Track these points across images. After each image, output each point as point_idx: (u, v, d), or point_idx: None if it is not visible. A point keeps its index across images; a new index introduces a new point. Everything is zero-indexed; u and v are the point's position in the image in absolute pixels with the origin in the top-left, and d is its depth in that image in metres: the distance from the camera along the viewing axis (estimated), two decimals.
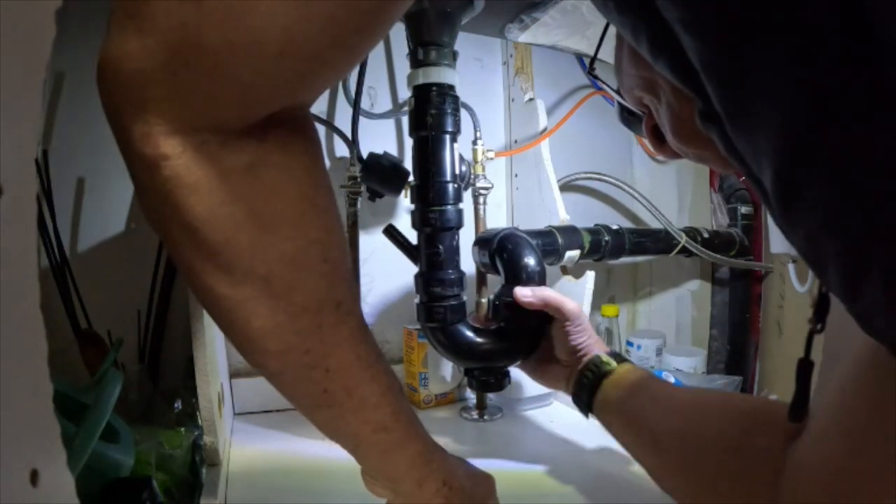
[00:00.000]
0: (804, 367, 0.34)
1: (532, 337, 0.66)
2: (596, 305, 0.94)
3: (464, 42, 0.75)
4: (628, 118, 0.44)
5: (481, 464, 0.48)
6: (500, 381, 0.70)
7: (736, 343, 1.01)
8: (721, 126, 0.27)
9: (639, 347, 1.01)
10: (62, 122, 0.85)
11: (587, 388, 0.60)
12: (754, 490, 0.42)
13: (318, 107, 0.91)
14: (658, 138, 0.39)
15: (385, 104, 0.95)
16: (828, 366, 0.51)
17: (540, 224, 0.86)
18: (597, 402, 0.59)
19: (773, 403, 0.50)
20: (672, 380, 0.82)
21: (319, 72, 0.29)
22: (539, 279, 0.68)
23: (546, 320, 0.65)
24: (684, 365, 0.96)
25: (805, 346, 0.34)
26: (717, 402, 0.51)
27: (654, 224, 0.99)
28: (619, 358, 0.61)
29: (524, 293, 0.65)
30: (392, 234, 0.72)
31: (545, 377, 0.66)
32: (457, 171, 0.69)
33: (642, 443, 0.53)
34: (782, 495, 0.39)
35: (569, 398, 0.83)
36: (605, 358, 0.60)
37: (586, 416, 0.61)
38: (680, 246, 0.93)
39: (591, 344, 0.63)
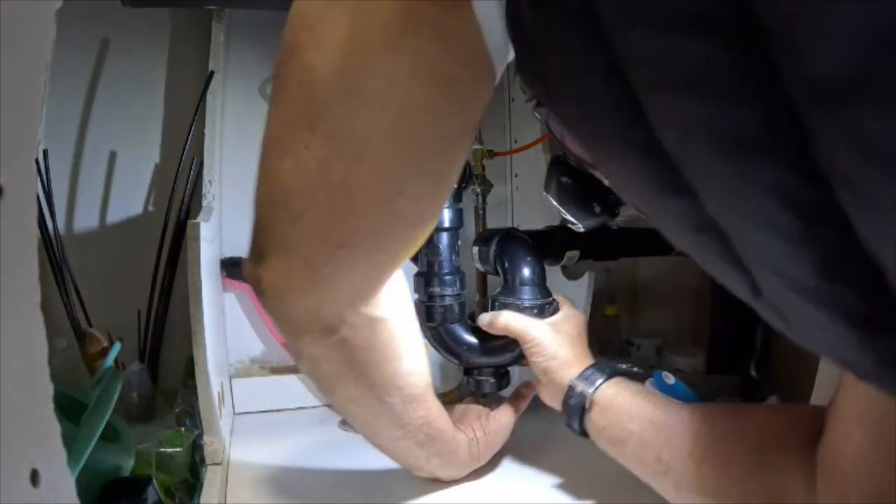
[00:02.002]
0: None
1: None
2: (596, 305, 0.94)
3: None
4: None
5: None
6: (499, 381, 0.70)
7: (736, 343, 1.01)
8: None
9: (639, 347, 1.01)
10: (63, 122, 0.85)
11: (575, 421, 0.57)
12: (787, 492, 0.42)
13: None
14: None
15: None
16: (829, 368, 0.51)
17: (540, 224, 0.86)
18: (591, 434, 0.57)
19: (782, 413, 0.50)
20: (672, 380, 0.82)
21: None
22: (539, 279, 0.68)
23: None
24: (684, 365, 0.96)
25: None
26: (727, 419, 0.49)
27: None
28: (597, 375, 0.57)
29: (482, 321, 0.66)
30: None
31: (544, 397, 0.64)
32: None
33: (652, 472, 0.51)
34: (819, 485, 0.40)
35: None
36: (580, 387, 0.57)
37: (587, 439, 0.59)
38: None
39: (555, 366, 0.60)
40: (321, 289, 0.40)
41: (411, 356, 0.53)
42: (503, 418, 0.67)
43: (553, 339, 0.62)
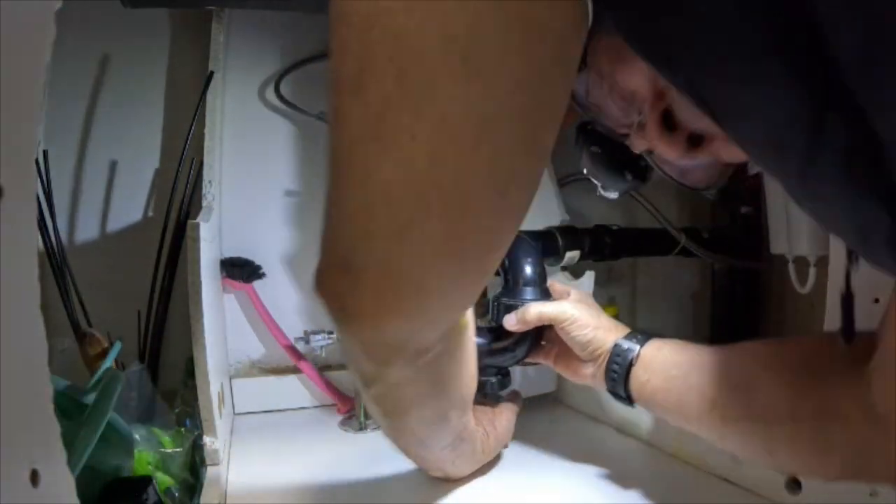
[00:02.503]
0: (847, 300, 0.41)
1: (532, 336, 0.66)
2: None
3: None
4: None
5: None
6: (500, 381, 0.70)
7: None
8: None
9: None
10: (64, 124, 0.85)
11: (620, 382, 0.58)
12: (838, 406, 0.42)
13: (320, 105, 0.91)
14: (668, 127, 0.40)
15: None
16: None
17: (540, 224, 0.86)
18: (635, 392, 0.57)
19: (825, 337, 0.50)
20: None
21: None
22: (539, 279, 0.68)
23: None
24: None
25: (844, 281, 0.40)
26: (769, 350, 0.50)
27: (654, 224, 0.99)
28: (641, 337, 0.59)
29: (510, 322, 0.64)
30: None
31: (571, 374, 0.64)
32: None
33: (697, 412, 0.51)
34: (874, 389, 0.40)
35: (567, 398, 0.83)
36: (626, 345, 0.58)
37: (631, 406, 0.59)
38: (680, 246, 0.93)
39: (601, 335, 0.60)
40: (429, 309, 0.35)
41: (473, 360, 0.51)
42: (508, 418, 0.68)
43: (587, 312, 0.62)
